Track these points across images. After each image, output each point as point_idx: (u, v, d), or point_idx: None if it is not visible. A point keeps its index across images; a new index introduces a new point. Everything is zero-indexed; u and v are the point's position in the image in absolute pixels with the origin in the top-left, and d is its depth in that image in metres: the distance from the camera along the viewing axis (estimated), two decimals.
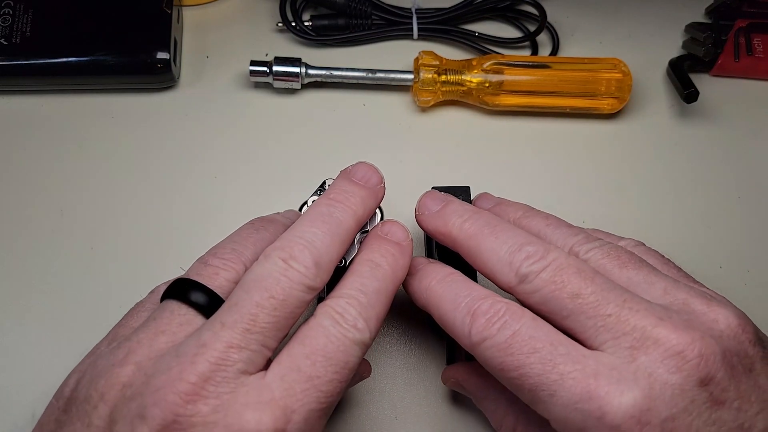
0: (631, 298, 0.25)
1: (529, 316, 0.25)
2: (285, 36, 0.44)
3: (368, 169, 0.30)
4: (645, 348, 0.23)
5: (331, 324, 0.24)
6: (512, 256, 0.26)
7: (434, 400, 0.34)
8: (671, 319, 0.24)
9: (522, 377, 0.24)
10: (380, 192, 0.30)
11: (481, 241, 0.27)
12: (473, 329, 0.25)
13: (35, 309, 0.35)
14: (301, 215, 0.27)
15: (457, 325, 0.26)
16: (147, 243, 0.37)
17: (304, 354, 0.24)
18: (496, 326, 0.25)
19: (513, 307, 0.25)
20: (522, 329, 0.24)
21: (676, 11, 0.46)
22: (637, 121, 0.43)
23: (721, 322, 0.24)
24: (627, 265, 0.27)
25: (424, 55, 0.41)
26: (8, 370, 0.34)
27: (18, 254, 0.36)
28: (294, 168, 0.40)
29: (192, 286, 0.25)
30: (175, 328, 0.24)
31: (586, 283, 0.25)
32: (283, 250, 0.25)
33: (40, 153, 0.39)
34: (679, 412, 0.22)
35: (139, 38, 0.39)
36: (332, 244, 0.26)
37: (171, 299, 0.25)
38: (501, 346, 0.24)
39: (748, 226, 0.40)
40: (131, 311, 0.28)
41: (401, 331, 0.36)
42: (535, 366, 0.24)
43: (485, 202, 0.33)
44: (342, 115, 0.42)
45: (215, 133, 0.41)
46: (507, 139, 0.41)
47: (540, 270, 0.25)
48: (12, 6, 0.40)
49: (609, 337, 0.24)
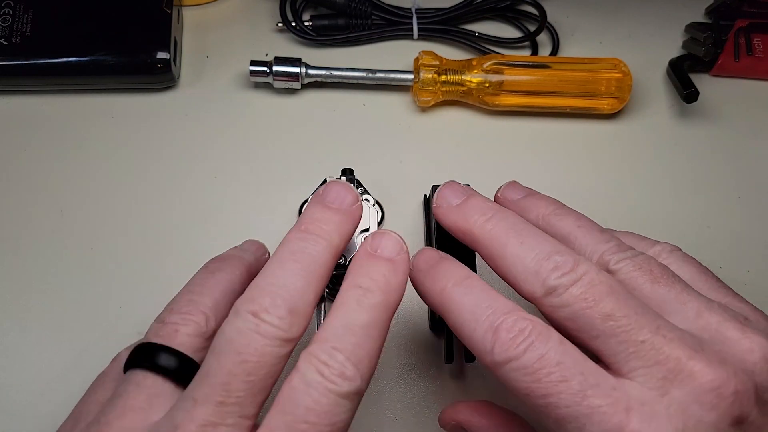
0: (664, 325, 0.23)
1: (557, 338, 0.23)
2: (285, 36, 0.44)
3: (341, 189, 0.27)
4: (679, 381, 0.22)
5: (315, 378, 0.22)
6: (539, 266, 0.24)
7: (434, 400, 0.34)
8: (704, 351, 0.22)
9: (549, 406, 0.22)
10: (357, 212, 0.27)
11: (506, 245, 0.25)
12: (496, 348, 0.23)
13: (35, 309, 0.35)
14: (272, 255, 0.25)
15: (477, 339, 0.24)
16: (147, 243, 0.37)
17: (284, 425, 0.21)
18: (522, 347, 0.23)
19: (539, 326, 0.23)
20: (550, 353, 0.22)
21: (676, 11, 0.46)
22: (637, 121, 0.43)
23: (755, 353, 0.23)
24: (659, 281, 0.25)
25: (424, 55, 0.41)
26: (8, 370, 0.34)
27: (18, 254, 0.36)
28: (294, 168, 0.40)
29: (154, 351, 0.24)
30: (142, 403, 0.23)
31: (619, 304, 0.23)
32: (253, 302, 0.22)
33: (40, 153, 0.39)
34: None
35: (139, 38, 0.39)
36: (308, 285, 0.23)
37: (134, 369, 0.24)
38: (527, 371, 0.22)
39: (748, 226, 0.40)
40: (94, 384, 0.26)
41: (401, 331, 0.36)
42: (564, 396, 0.22)
43: (513, 192, 0.31)
44: (342, 115, 0.42)
45: (215, 133, 0.41)
46: (507, 139, 0.41)
47: (570, 284, 0.24)
48: (12, 6, 0.40)
49: (640, 365, 0.22)
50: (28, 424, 0.33)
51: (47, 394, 0.34)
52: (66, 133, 0.40)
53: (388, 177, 0.40)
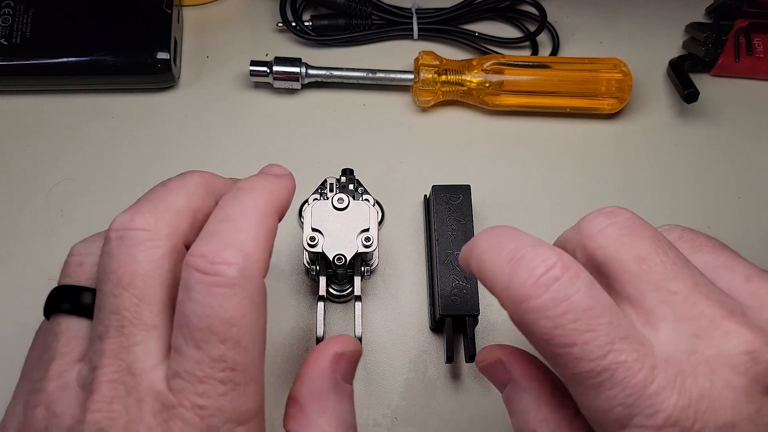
0: (705, 283, 0.21)
1: (586, 278, 0.20)
2: (285, 36, 0.44)
3: (271, 166, 0.28)
4: (710, 339, 0.20)
5: (194, 277, 0.20)
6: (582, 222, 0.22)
7: (434, 400, 0.34)
8: (746, 315, 0.20)
9: (568, 356, 0.20)
10: (286, 179, 0.26)
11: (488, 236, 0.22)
12: (514, 280, 0.20)
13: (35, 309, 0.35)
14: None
15: (495, 272, 0.21)
16: None
17: (183, 339, 0.20)
18: (544, 283, 0.20)
19: (566, 259, 0.20)
20: (578, 297, 0.19)
21: (676, 11, 0.46)
22: (637, 121, 0.42)
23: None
24: (702, 248, 0.23)
25: (424, 55, 0.41)
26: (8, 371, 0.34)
27: (18, 254, 0.36)
28: (294, 168, 0.39)
29: (59, 293, 0.23)
30: (63, 348, 0.22)
31: (657, 250, 0.21)
32: (115, 221, 0.22)
33: (40, 153, 0.39)
34: (741, 420, 0.19)
35: (139, 38, 0.39)
36: (170, 192, 0.23)
37: (50, 315, 0.23)
38: (549, 314, 0.19)
39: (748, 226, 0.40)
40: (32, 343, 0.25)
41: (401, 332, 0.36)
42: (588, 348, 0.19)
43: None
44: (342, 115, 0.42)
45: (215, 133, 0.41)
46: (507, 139, 0.41)
47: (608, 223, 0.21)
48: (12, 6, 0.40)
49: (671, 317, 0.20)
50: None
51: None
52: (66, 133, 0.40)
53: (388, 177, 0.40)
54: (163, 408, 0.20)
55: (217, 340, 0.20)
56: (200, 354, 0.20)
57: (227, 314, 0.20)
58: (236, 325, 0.20)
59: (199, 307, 0.20)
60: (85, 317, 0.23)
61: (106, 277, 0.21)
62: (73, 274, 0.24)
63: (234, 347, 0.20)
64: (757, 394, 0.19)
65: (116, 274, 0.21)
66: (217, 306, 0.20)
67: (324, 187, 0.35)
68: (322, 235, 0.32)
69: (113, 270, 0.21)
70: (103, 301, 0.21)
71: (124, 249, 0.21)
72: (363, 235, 0.32)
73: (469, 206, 0.36)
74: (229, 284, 0.20)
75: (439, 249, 0.35)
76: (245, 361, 0.20)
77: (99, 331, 0.21)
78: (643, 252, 0.21)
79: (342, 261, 0.32)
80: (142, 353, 0.21)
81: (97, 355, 0.21)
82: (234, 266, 0.20)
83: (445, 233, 0.35)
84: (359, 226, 0.32)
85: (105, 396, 0.20)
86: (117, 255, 0.21)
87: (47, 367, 0.22)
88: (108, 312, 0.21)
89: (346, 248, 0.32)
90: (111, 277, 0.21)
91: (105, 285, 0.21)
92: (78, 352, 0.22)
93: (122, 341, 0.21)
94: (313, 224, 0.32)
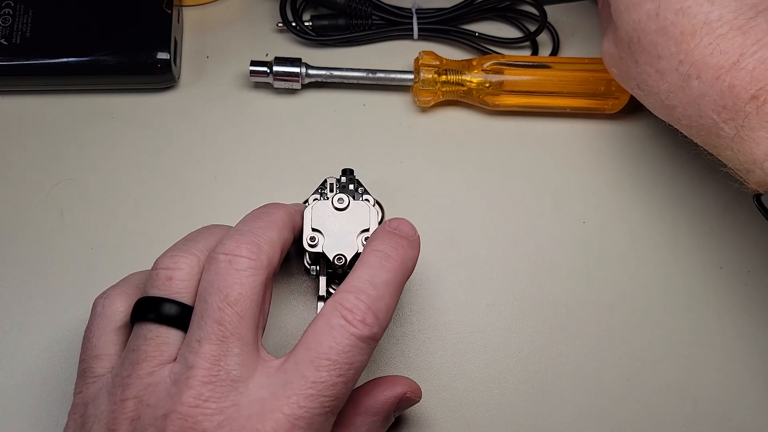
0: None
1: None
2: (285, 36, 0.44)
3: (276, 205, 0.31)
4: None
5: (339, 322, 0.25)
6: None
7: (434, 400, 0.34)
8: None
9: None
10: (300, 207, 0.32)
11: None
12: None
13: (35, 309, 0.35)
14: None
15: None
16: (147, 243, 0.37)
17: (308, 359, 0.24)
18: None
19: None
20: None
21: None
22: (638, 121, 0.42)
23: None
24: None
25: (424, 55, 0.41)
26: (8, 371, 0.34)
27: (18, 254, 0.36)
28: (294, 168, 0.40)
29: (153, 303, 0.26)
30: (154, 352, 0.25)
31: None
32: (224, 246, 0.26)
33: (40, 153, 0.39)
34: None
35: (139, 38, 0.39)
36: (267, 227, 0.27)
37: (139, 322, 0.26)
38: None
39: (748, 226, 0.40)
40: (89, 340, 0.28)
41: (402, 332, 0.36)
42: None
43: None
44: (342, 115, 0.42)
45: (215, 133, 0.41)
46: (507, 139, 0.41)
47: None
48: (12, 6, 0.40)
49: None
50: (28, 424, 0.33)
51: (47, 394, 0.34)
52: (66, 133, 0.40)
53: (388, 177, 0.40)
54: (262, 411, 0.23)
55: (336, 374, 0.24)
56: (313, 375, 0.24)
57: (353, 359, 0.25)
58: (354, 369, 0.25)
59: (335, 344, 0.25)
60: (170, 326, 0.25)
61: (213, 291, 0.25)
62: (163, 287, 0.26)
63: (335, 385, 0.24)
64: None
65: (223, 291, 0.25)
66: (349, 349, 0.25)
67: (324, 187, 0.35)
68: (323, 235, 0.32)
69: (220, 287, 0.25)
70: (207, 311, 0.25)
71: (233, 271, 0.25)
72: (363, 235, 0.32)
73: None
74: (363, 339, 0.25)
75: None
76: (344, 393, 0.25)
77: (199, 335, 0.24)
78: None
79: (342, 261, 0.32)
80: (238, 363, 0.24)
81: (194, 356, 0.24)
82: (374, 327, 0.25)
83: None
84: (360, 227, 0.32)
85: (201, 394, 0.23)
86: (225, 274, 0.25)
87: (137, 366, 0.25)
88: (212, 321, 0.24)
89: (346, 248, 0.32)
90: (218, 293, 0.25)
91: (211, 297, 0.25)
92: (168, 356, 0.25)
93: (223, 349, 0.24)
94: (313, 224, 0.32)
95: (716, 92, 0.27)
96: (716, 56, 0.27)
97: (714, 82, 0.27)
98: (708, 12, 0.27)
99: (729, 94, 0.27)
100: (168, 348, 0.25)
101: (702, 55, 0.27)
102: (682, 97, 0.29)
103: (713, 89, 0.27)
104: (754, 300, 0.38)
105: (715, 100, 0.27)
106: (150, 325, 0.25)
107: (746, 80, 0.26)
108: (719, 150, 0.29)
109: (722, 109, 0.27)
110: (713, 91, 0.27)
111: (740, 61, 0.26)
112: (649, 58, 0.30)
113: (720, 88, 0.27)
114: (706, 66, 0.27)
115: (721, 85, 0.27)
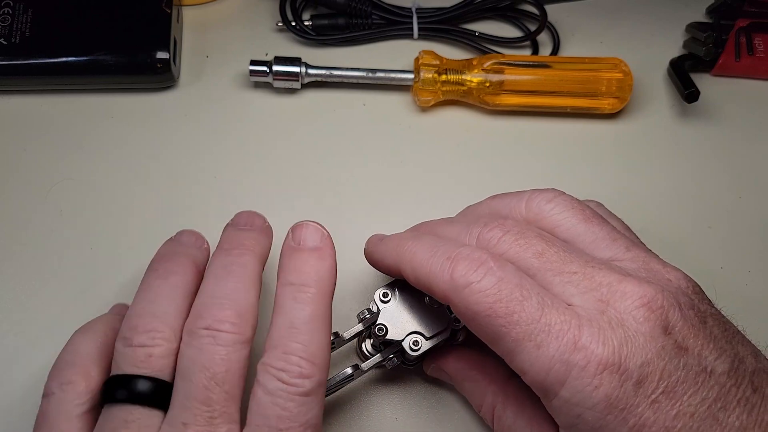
0: (592, 259, 0.25)
1: (512, 266, 0.25)
2: (285, 36, 0.44)
3: (249, 214, 0.30)
4: (614, 301, 0.24)
5: (277, 386, 0.23)
6: (470, 229, 0.27)
7: (434, 401, 0.34)
8: (632, 276, 0.25)
9: (510, 325, 0.23)
10: (268, 230, 0.30)
11: (416, 243, 0.27)
12: (455, 273, 0.24)
13: (35, 309, 0.35)
14: (206, 274, 0.26)
15: (435, 270, 0.25)
16: (147, 243, 0.37)
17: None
18: (481, 271, 0.24)
19: (494, 257, 0.25)
20: (509, 276, 0.24)
21: (676, 11, 0.46)
22: (638, 121, 0.42)
23: (673, 282, 0.25)
24: (591, 221, 0.27)
25: (424, 55, 0.41)
26: (8, 371, 0.34)
27: (18, 254, 0.36)
28: (294, 168, 0.40)
29: (132, 382, 0.24)
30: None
31: (548, 244, 0.26)
32: (203, 319, 0.24)
33: (39, 153, 0.39)
34: (653, 357, 0.23)
35: (139, 38, 0.39)
36: (246, 289, 0.25)
37: (117, 404, 0.24)
38: (488, 292, 0.24)
39: (748, 226, 0.40)
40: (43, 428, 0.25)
41: None
42: (524, 315, 0.23)
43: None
44: (342, 115, 0.42)
45: (215, 133, 0.41)
46: (507, 139, 0.41)
47: (502, 235, 0.26)
48: (12, 6, 0.40)
49: (576, 292, 0.24)
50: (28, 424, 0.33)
51: None
52: (66, 133, 0.40)
53: (388, 177, 0.40)
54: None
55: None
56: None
57: (305, 417, 0.24)
58: (312, 424, 0.24)
59: (282, 411, 0.23)
60: (148, 406, 0.24)
61: (197, 369, 0.23)
62: (140, 364, 0.24)
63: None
64: (659, 335, 0.23)
65: (210, 370, 0.23)
66: (298, 410, 0.24)
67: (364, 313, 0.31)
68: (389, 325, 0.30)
69: (206, 365, 0.23)
70: (192, 391, 0.23)
71: (218, 348, 0.24)
72: (414, 337, 0.30)
73: None
74: (307, 393, 0.24)
75: None
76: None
77: (185, 418, 0.23)
78: (539, 248, 0.25)
79: (383, 332, 0.29)
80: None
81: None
82: (313, 374, 0.24)
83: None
84: (423, 325, 0.30)
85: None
86: (210, 352, 0.24)
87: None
88: (198, 402, 0.23)
89: (395, 328, 0.30)
90: (204, 371, 0.23)
91: (196, 377, 0.23)
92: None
93: (210, 430, 0.23)
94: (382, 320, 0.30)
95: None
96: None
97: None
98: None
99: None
100: (149, 431, 0.23)
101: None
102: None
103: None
104: (755, 300, 0.38)
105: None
106: (129, 407, 0.24)
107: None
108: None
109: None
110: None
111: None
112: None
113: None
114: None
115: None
